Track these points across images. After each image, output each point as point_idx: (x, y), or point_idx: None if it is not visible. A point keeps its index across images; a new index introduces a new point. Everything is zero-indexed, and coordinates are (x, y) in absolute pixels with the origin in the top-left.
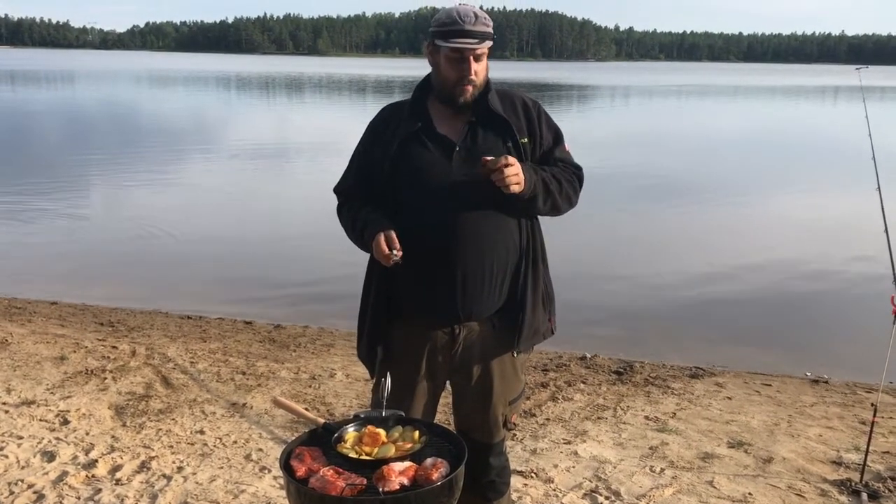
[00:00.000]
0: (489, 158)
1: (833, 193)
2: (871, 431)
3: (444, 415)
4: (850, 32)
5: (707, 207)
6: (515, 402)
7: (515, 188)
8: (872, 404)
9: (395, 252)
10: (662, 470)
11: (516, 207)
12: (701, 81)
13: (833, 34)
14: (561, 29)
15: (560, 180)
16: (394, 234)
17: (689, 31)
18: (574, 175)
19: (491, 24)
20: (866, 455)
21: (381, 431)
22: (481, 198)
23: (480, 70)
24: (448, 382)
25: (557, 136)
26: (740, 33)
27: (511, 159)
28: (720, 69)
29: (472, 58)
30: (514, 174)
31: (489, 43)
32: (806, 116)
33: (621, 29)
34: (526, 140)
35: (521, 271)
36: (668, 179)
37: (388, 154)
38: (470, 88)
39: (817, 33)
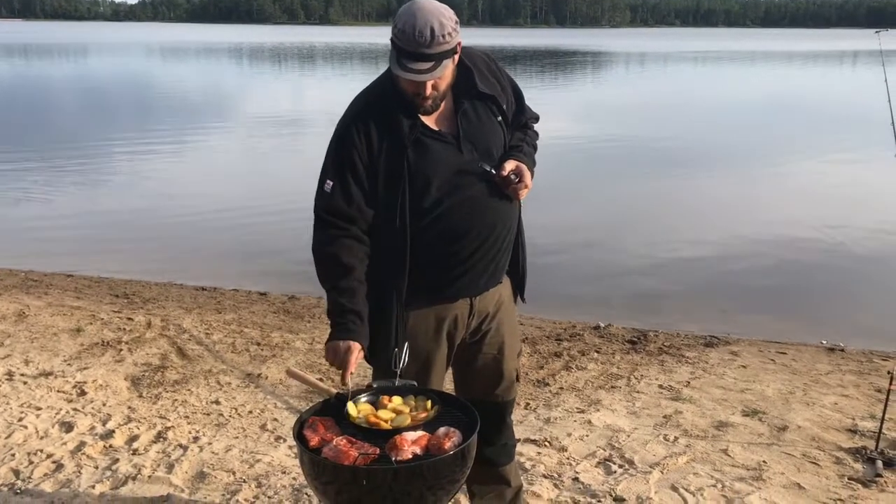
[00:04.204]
0: (510, 178)
1: (850, 159)
2: (887, 399)
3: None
4: None
5: (722, 175)
6: (520, 355)
7: (523, 195)
8: (889, 372)
9: (346, 384)
10: (676, 438)
11: None
12: (717, 48)
13: None
14: None
15: (534, 151)
16: (357, 360)
17: None
18: (536, 133)
19: (453, 35)
20: (882, 423)
21: (397, 399)
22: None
23: (441, 81)
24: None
25: (516, 88)
26: None
27: (527, 177)
28: (737, 35)
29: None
30: (526, 189)
31: (448, 62)
32: (823, 81)
33: None
34: (505, 106)
35: (519, 232)
36: (683, 148)
37: (401, 158)
38: (429, 102)
39: None
